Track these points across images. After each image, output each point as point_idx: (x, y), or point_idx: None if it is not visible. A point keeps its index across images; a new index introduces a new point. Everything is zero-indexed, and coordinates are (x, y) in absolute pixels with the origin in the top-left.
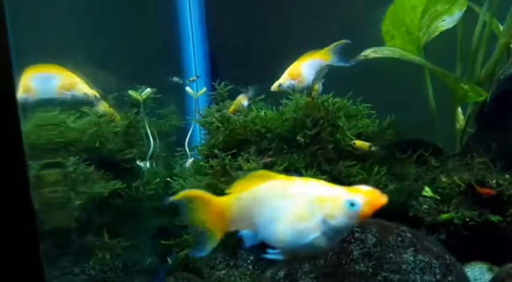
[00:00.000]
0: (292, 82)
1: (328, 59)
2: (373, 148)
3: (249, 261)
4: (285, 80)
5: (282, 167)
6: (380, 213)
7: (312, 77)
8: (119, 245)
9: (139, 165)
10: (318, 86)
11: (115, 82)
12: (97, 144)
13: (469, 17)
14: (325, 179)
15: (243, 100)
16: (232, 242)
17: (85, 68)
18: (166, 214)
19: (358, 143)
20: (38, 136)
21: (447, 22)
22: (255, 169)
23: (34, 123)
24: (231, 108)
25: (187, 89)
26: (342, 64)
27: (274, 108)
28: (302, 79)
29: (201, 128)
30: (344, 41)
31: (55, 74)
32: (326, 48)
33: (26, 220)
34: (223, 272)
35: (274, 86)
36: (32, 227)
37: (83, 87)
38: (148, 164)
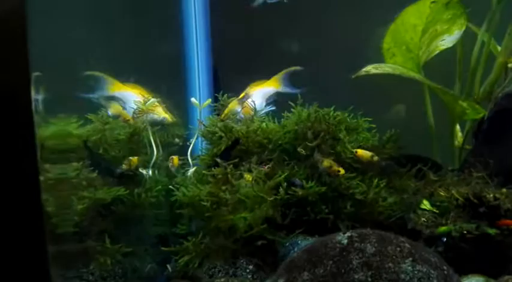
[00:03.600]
0: (238, 110)
1: (278, 87)
2: (375, 158)
3: (248, 270)
4: (232, 107)
5: (282, 177)
6: (378, 225)
7: (260, 105)
8: (120, 250)
9: (141, 173)
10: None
11: None
12: (101, 151)
13: (467, 36)
14: (325, 191)
15: (235, 106)
16: (231, 251)
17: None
18: (167, 223)
19: (360, 152)
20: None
21: (447, 41)
22: (256, 178)
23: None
24: (224, 113)
25: (193, 100)
26: (291, 91)
27: (275, 120)
28: (250, 107)
29: (203, 139)
30: (295, 68)
31: (137, 95)
32: (275, 77)
33: (35, 223)
34: (222, 280)
35: (224, 114)
36: (41, 231)
37: (160, 111)
38: (150, 172)
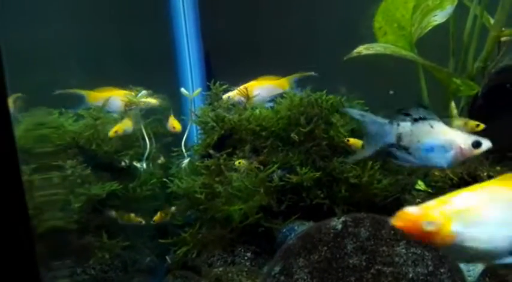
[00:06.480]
0: (242, 99)
1: (286, 88)
2: None
3: (246, 257)
4: (234, 95)
5: (275, 167)
6: (374, 207)
7: (263, 100)
8: (118, 244)
9: (136, 166)
10: None
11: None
12: (93, 147)
13: (460, 11)
14: (319, 176)
15: (236, 96)
16: (228, 240)
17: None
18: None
19: (352, 141)
20: (38, 139)
21: (439, 17)
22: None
23: (33, 125)
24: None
25: (182, 90)
26: (297, 92)
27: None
28: (252, 99)
29: (198, 128)
30: (310, 73)
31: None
32: (286, 78)
33: (21, 223)
34: (220, 269)
35: (224, 97)
36: (28, 230)
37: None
38: (144, 165)
